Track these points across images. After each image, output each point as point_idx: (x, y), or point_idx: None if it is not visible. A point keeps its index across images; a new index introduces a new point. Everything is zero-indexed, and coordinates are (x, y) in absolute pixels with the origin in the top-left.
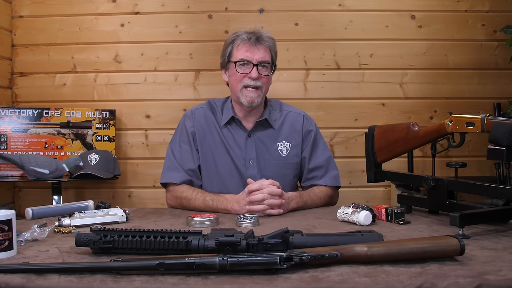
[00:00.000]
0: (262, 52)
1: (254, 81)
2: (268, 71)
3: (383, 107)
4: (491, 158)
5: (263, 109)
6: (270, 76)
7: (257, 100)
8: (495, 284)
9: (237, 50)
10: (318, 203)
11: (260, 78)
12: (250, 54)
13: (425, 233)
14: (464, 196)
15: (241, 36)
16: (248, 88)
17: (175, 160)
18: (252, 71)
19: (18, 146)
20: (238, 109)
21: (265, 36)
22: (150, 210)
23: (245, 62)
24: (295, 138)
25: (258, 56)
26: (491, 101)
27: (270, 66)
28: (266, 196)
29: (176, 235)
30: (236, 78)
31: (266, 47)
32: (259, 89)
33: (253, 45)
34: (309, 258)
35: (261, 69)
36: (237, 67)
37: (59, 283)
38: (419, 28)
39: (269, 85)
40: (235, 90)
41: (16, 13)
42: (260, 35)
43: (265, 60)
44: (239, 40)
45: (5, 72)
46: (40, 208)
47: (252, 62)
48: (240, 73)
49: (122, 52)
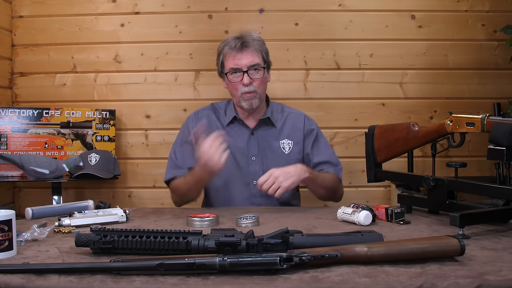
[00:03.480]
0: (250, 57)
1: (247, 87)
2: (260, 73)
3: (383, 107)
4: (491, 158)
5: (265, 108)
6: (263, 77)
7: (255, 102)
8: (495, 284)
9: (227, 60)
10: (327, 184)
11: (253, 82)
12: (238, 61)
13: (425, 233)
14: (464, 196)
15: (226, 46)
16: (245, 94)
17: (177, 160)
18: (244, 77)
19: (18, 146)
20: (240, 112)
21: (250, 39)
22: (150, 210)
23: (235, 70)
24: (297, 136)
25: (246, 62)
26: (491, 101)
27: (262, 68)
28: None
29: (176, 235)
30: (233, 86)
31: (253, 51)
32: (254, 92)
33: (239, 52)
34: (309, 259)
35: (252, 73)
36: (230, 77)
37: (59, 283)
38: (419, 28)
39: (265, 85)
40: (236, 98)
41: (16, 13)
42: (244, 40)
43: (253, 63)
44: (226, 49)
45: (5, 72)
46: (40, 208)
47: (242, 69)
48: (234, 82)
49: (122, 52)
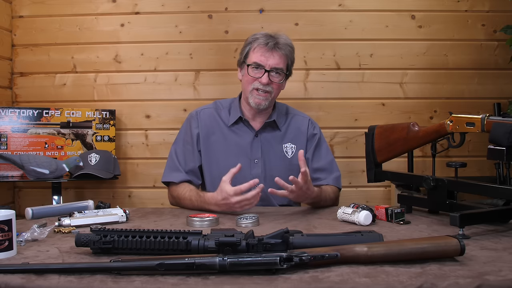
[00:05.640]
0: (277, 59)
1: (264, 86)
2: (280, 78)
3: (383, 107)
4: (491, 158)
5: (271, 111)
6: (281, 83)
7: (264, 103)
8: (495, 284)
9: (253, 53)
10: (328, 204)
11: (271, 84)
12: (264, 59)
13: (425, 233)
14: (464, 196)
15: (259, 40)
16: (259, 90)
17: (177, 160)
18: (263, 76)
19: (18, 146)
20: (247, 109)
21: (283, 43)
22: (150, 210)
23: (258, 66)
24: (300, 140)
25: (272, 62)
26: (491, 101)
27: (283, 73)
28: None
29: (176, 235)
30: (248, 79)
31: (282, 54)
32: (268, 93)
33: (269, 51)
34: (309, 258)
35: (273, 75)
36: (249, 70)
37: (59, 283)
38: (419, 28)
39: (279, 91)
40: (246, 91)
41: (16, 13)
42: (278, 41)
43: (278, 67)
44: (256, 43)
45: (5, 72)
46: (40, 208)
47: (265, 68)
48: (252, 76)
49: (122, 52)
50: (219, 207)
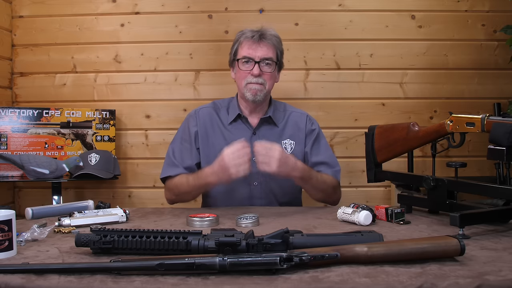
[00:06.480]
0: (265, 49)
1: (256, 78)
2: (271, 68)
3: (383, 107)
4: (491, 158)
5: (267, 107)
6: (273, 73)
7: (260, 94)
8: (495, 284)
9: (241, 48)
10: (322, 186)
11: (262, 75)
12: (252, 51)
13: (425, 233)
14: (464, 196)
15: (245, 34)
16: (252, 84)
17: (174, 158)
18: (254, 68)
19: (18, 146)
20: (244, 106)
21: (269, 34)
22: (150, 210)
23: (248, 59)
24: (299, 137)
25: (260, 53)
26: (491, 101)
27: (274, 63)
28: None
29: (176, 235)
30: (240, 75)
31: (270, 45)
32: (261, 85)
33: (256, 43)
34: (309, 259)
35: (264, 66)
36: (240, 64)
37: (59, 283)
38: (419, 28)
39: (273, 82)
40: (240, 87)
41: (16, 13)
42: (263, 32)
43: (267, 57)
44: (243, 37)
45: (5, 72)
46: (40, 208)
47: (254, 60)
48: (243, 70)
49: (122, 52)
50: (216, 175)
